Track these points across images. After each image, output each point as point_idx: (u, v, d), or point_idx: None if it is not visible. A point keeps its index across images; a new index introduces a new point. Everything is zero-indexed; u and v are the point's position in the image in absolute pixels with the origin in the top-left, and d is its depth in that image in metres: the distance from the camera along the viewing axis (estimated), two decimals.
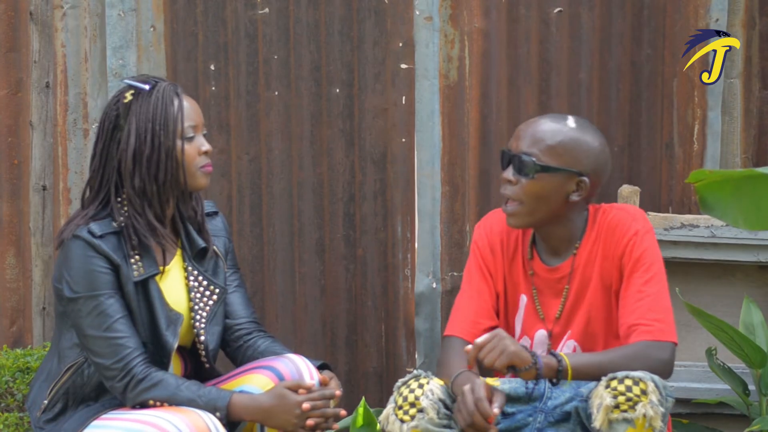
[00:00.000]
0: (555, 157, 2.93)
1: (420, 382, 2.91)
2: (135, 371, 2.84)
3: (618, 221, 3.01)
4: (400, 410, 2.88)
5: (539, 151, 2.93)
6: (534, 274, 3.08)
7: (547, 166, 2.92)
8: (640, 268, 2.96)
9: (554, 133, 2.95)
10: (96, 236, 2.85)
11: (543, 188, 2.93)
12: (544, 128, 2.95)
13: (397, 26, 3.88)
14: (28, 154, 3.98)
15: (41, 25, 3.94)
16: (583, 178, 2.95)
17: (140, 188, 2.88)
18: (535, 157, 2.92)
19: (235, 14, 3.92)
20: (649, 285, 2.96)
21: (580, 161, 2.95)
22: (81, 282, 2.84)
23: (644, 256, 2.97)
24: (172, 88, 2.92)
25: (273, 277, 3.98)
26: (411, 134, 3.91)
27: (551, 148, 2.93)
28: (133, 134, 2.88)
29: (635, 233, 2.98)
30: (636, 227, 2.98)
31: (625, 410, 2.78)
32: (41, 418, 2.95)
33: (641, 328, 2.91)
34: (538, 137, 2.94)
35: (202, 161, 2.93)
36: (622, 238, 2.99)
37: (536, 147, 2.93)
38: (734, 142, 3.85)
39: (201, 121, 2.96)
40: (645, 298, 2.94)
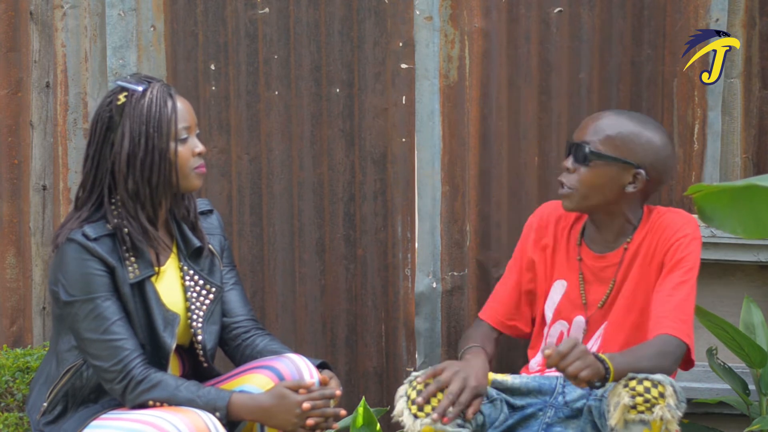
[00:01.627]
0: (612, 147, 3.06)
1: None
2: (134, 373, 2.84)
3: (670, 221, 3.11)
4: (414, 405, 2.93)
5: (597, 140, 3.07)
6: (581, 260, 3.20)
7: (603, 154, 3.05)
8: (679, 269, 3.05)
9: (615, 124, 3.08)
10: (90, 239, 2.84)
11: (598, 176, 3.06)
12: (607, 120, 3.10)
13: (397, 26, 3.88)
14: (28, 154, 3.98)
15: (41, 24, 3.94)
16: (640, 170, 3.06)
17: (133, 191, 2.88)
18: (592, 145, 3.06)
19: (235, 14, 3.92)
20: (682, 287, 3.04)
21: (636, 153, 3.06)
22: (77, 285, 2.84)
23: (686, 259, 3.06)
24: (166, 89, 2.92)
25: (273, 277, 3.98)
26: (411, 134, 3.91)
27: (609, 138, 3.07)
28: (127, 137, 2.87)
29: (684, 236, 3.08)
30: (686, 231, 3.09)
31: (642, 411, 2.81)
32: (41, 421, 2.95)
33: (666, 322, 2.98)
34: (599, 128, 3.09)
35: (195, 162, 2.93)
36: (671, 237, 3.08)
37: (596, 136, 3.07)
38: (734, 142, 3.85)
39: (194, 122, 2.96)
40: (676, 297, 3.02)
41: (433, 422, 2.92)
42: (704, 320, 3.41)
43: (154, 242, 2.91)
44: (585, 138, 3.09)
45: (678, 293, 3.03)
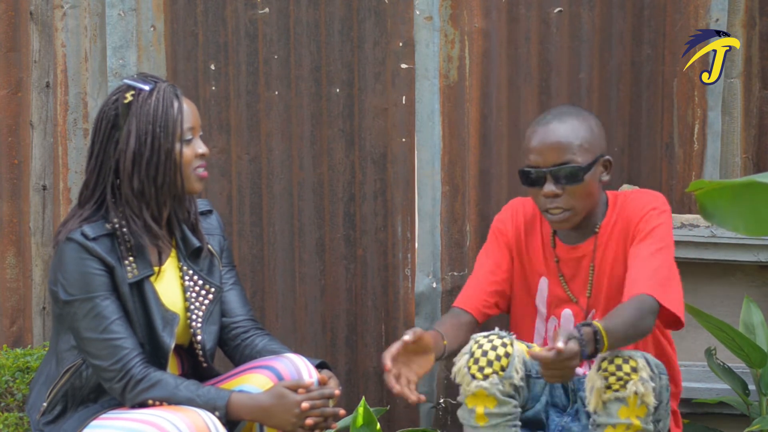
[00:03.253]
0: (588, 153, 3.03)
1: (504, 341, 2.94)
2: (133, 372, 2.84)
3: (637, 199, 3.10)
4: (475, 364, 2.91)
5: (576, 155, 3.02)
6: (559, 261, 3.17)
7: (590, 165, 3.02)
8: (651, 238, 3.02)
9: (573, 131, 3.03)
10: (89, 238, 2.84)
11: (589, 186, 3.03)
12: (563, 132, 3.03)
13: (398, 26, 3.88)
14: (28, 154, 3.98)
15: (41, 24, 3.94)
16: (607, 157, 3.08)
17: (139, 190, 2.88)
18: (578, 162, 3.01)
19: (235, 14, 3.93)
20: (657, 255, 3.00)
21: (600, 143, 3.07)
22: (76, 284, 2.84)
23: (658, 229, 3.03)
24: (172, 90, 2.92)
25: (273, 277, 3.98)
26: (411, 134, 3.91)
27: (581, 147, 3.03)
28: (134, 135, 2.87)
29: (653, 208, 3.06)
30: (654, 204, 3.07)
31: (617, 390, 2.81)
32: (41, 421, 2.95)
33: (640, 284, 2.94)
34: (565, 143, 3.02)
35: (197, 163, 2.93)
36: (640, 212, 3.07)
37: (571, 153, 3.02)
38: (734, 142, 3.85)
39: (199, 124, 2.96)
40: (652, 263, 2.98)
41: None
42: (703, 321, 3.40)
43: (158, 240, 2.91)
44: (561, 159, 3.02)
45: (653, 260, 2.99)
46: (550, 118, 3.06)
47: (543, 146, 3.03)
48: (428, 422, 3.94)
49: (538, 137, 3.04)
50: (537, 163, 3.04)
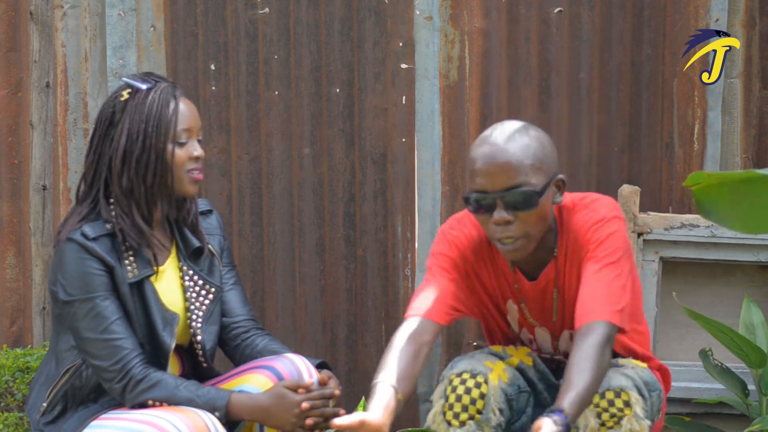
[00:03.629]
0: (541, 173, 2.71)
1: (478, 380, 2.79)
2: (133, 372, 2.84)
3: (580, 211, 2.83)
4: (450, 410, 2.78)
5: (529, 177, 2.69)
6: (519, 288, 2.92)
7: (544, 187, 2.71)
8: (596, 254, 2.77)
9: (524, 150, 2.69)
10: (89, 238, 2.84)
11: (542, 210, 2.72)
12: (513, 151, 2.68)
13: (397, 26, 3.88)
14: (28, 154, 3.98)
15: (41, 24, 3.94)
16: (560, 176, 2.77)
17: (128, 188, 2.88)
18: (532, 185, 2.69)
19: (235, 14, 3.93)
20: (604, 271, 2.74)
21: (553, 162, 2.76)
22: (76, 285, 2.84)
23: (603, 245, 2.77)
24: (171, 90, 2.91)
25: (273, 277, 3.98)
26: (411, 134, 3.91)
27: (533, 167, 2.69)
28: (125, 133, 2.87)
29: (596, 222, 2.79)
30: (597, 217, 2.80)
31: (611, 427, 2.71)
32: (41, 421, 2.95)
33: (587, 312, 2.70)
34: (516, 164, 2.68)
35: (191, 165, 2.91)
36: (583, 229, 2.80)
37: (523, 175, 2.68)
38: (734, 142, 3.85)
39: (197, 126, 2.94)
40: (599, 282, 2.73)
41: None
42: (703, 323, 3.40)
43: (149, 241, 2.90)
44: (512, 183, 2.67)
45: (602, 277, 2.73)
46: (497, 135, 2.71)
47: (491, 168, 2.67)
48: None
49: (484, 158, 2.68)
50: (484, 187, 2.68)
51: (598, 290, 2.72)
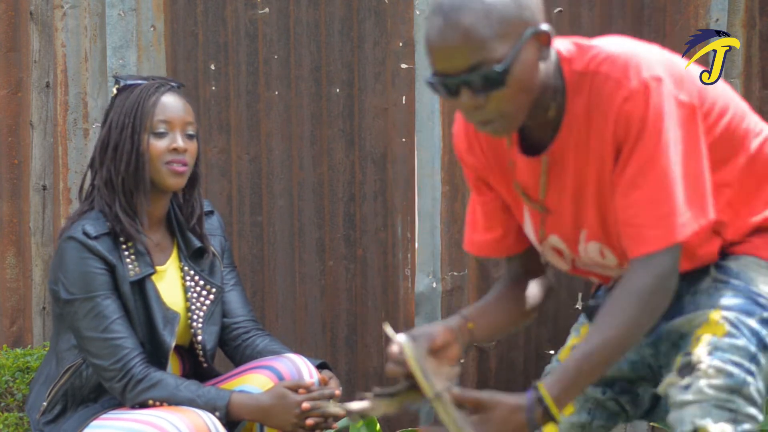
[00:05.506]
0: (508, 39, 2.13)
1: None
2: (134, 371, 2.84)
3: (605, 79, 2.20)
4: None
5: (492, 50, 2.12)
6: (513, 164, 2.34)
7: (514, 56, 2.13)
8: (634, 143, 2.16)
9: (481, 17, 2.12)
10: (91, 237, 2.84)
11: (519, 81, 2.14)
12: (466, 24, 2.11)
13: (397, 26, 3.88)
14: (28, 154, 3.98)
15: (41, 24, 3.94)
16: (540, 28, 2.16)
17: (107, 178, 2.89)
18: (496, 59, 2.12)
19: (235, 14, 3.93)
20: (650, 165, 2.15)
21: (526, 15, 2.15)
22: (77, 283, 2.84)
23: (642, 123, 2.16)
24: (157, 86, 2.91)
25: (273, 277, 3.98)
26: (411, 134, 3.91)
27: (497, 35, 2.12)
28: (107, 125, 2.91)
29: (628, 96, 2.16)
30: (630, 85, 2.17)
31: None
32: (41, 420, 2.95)
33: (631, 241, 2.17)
34: (470, 40, 2.12)
35: (168, 158, 2.89)
36: (611, 106, 2.18)
37: (483, 50, 2.12)
38: None
39: (181, 120, 2.91)
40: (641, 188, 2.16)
41: None
42: None
43: (131, 234, 2.88)
44: (471, 61, 2.12)
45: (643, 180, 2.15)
46: (448, 7, 2.13)
47: (443, 47, 2.13)
48: (428, 422, 3.94)
49: (435, 35, 2.14)
50: (443, 69, 2.15)
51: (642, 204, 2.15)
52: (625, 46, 2.24)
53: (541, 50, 2.18)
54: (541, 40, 2.17)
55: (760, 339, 2.20)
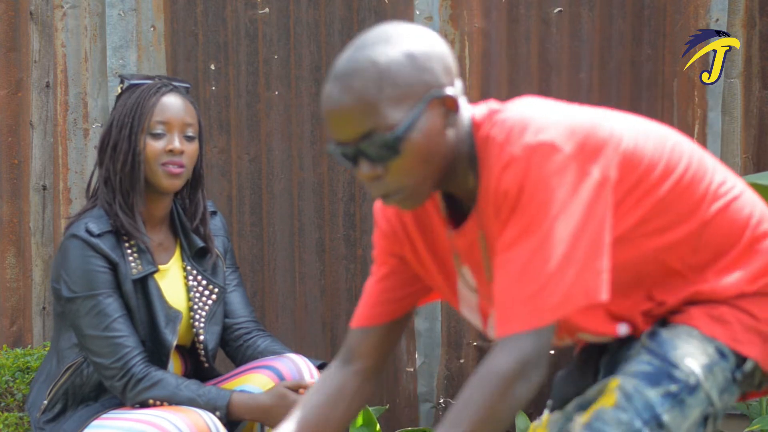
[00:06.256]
0: (403, 103, 1.94)
1: None
2: (134, 370, 2.84)
3: (492, 145, 1.97)
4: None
5: (384, 117, 1.93)
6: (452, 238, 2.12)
7: (412, 120, 1.93)
8: (509, 215, 1.93)
9: (370, 82, 1.93)
10: (94, 235, 2.85)
11: (417, 150, 1.95)
12: (355, 89, 1.93)
13: None
14: (28, 154, 3.98)
15: (41, 24, 3.94)
16: (442, 92, 1.96)
17: (105, 177, 2.90)
18: (388, 126, 1.93)
19: (235, 14, 3.93)
20: (524, 238, 1.90)
21: (426, 77, 1.95)
22: (79, 282, 2.84)
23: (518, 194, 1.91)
24: (159, 87, 2.92)
25: (273, 277, 3.98)
26: None
27: (389, 99, 1.93)
28: (109, 124, 2.92)
29: (507, 163, 1.92)
30: (510, 151, 1.92)
31: None
32: (41, 419, 2.95)
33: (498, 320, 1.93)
34: (359, 107, 1.93)
35: (165, 159, 2.89)
36: (493, 174, 1.96)
37: (374, 117, 1.93)
38: (734, 142, 3.85)
39: (180, 121, 2.91)
40: (513, 262, 1.91)
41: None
42: None
43: (131, 232, 2.88)
44: (362, 128, 1.94)
45: (515, 258, 1.90)
46: (341, 64, 1.96)
47: (335, 114, 1.95)
48: (428, 422, 3.94)
49: (327, 99, 1.96)
50: (338, 137, 1.97)
51: (511, 281, 1.91)
52: (529, 110, 1.99)
53: (448, 116, 1.97)
54: (446, 105, 1.96)
55: (655, 415, 1.93)
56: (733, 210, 2.04)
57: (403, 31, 1.97)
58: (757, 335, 2.01)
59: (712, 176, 2.04)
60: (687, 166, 2.02)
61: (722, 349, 2.00)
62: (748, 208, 2.05)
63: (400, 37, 1.96)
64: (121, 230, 2.88)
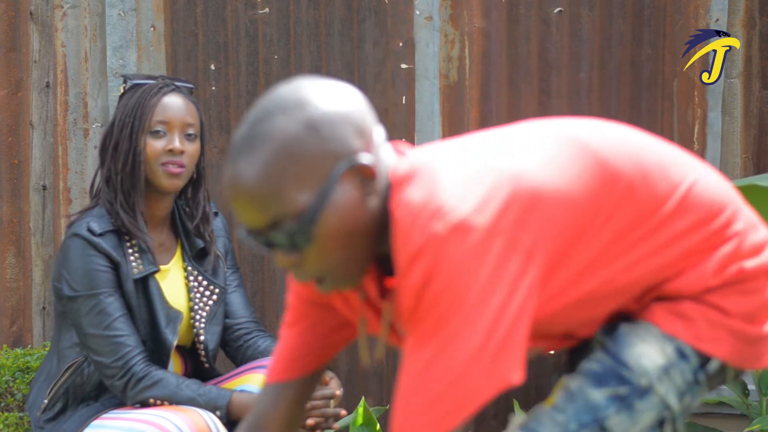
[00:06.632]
0: (308, 183, 1.72)
1: None
2: (135, 370, 2.84)
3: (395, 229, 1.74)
4: None
5: (289, 203, 1.72)
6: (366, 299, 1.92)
7: (319, 206, 1.72)
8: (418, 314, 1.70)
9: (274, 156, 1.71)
10: (96, 234, 2.85)
11: (334, 232, 1.74)
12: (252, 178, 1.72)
13: (397, 26, 3.88)
14: (28, 154, 3.98)
15: (41, 24, 3.94)
16: (354, 162, 1.74)
17: (107, 176, 2.91)
18: (296, 215, 1.72)
19: (235, 14, 3.93)
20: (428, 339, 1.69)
21: (334, 148, 1.73)
22: (80, 281, 2.84)
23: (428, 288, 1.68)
24: (160, 86, 2.92)
25: (273, 277, 3.98)
26: (411, 134, 3.91)
27: (294, 180, 1.71)
28: (111, 123, 2.92)
29: (415, 254, 1.69)
30: (418, 240, 1.68)
31: None
32: (41, 418, 2.95)
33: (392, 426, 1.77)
34: (259, 197, 1.72)
35: (165, 159, 2.89)
36: (400, 265, 1.72)
37: (280, 203, 1.72)
38: (734, 142, 3.85)
39: (181, 121, 2.91)
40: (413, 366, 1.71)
41: None
42: None
43: (132, 231, 2.89)
44: (266, 219, 1.74)
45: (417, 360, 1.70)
46: (237, 144, 1.75)
47: (235, 200, 1.76)
48: None
49: (226, 186, 1.77)
50: (245, 224, 1.80)
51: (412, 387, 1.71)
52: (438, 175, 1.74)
53: (366, 184, 1.74)
54: (362, 173, 1.74)
55: (597, 418, 1.80)
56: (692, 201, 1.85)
57: (303, 93, 1.74)
58: (726, 332, 1.84)
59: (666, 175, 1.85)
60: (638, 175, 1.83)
61: (683, 348, 1.83)
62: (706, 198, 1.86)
63: (299, 103, 1.72)
64: (122, 230, 2.88)
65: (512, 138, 1.88)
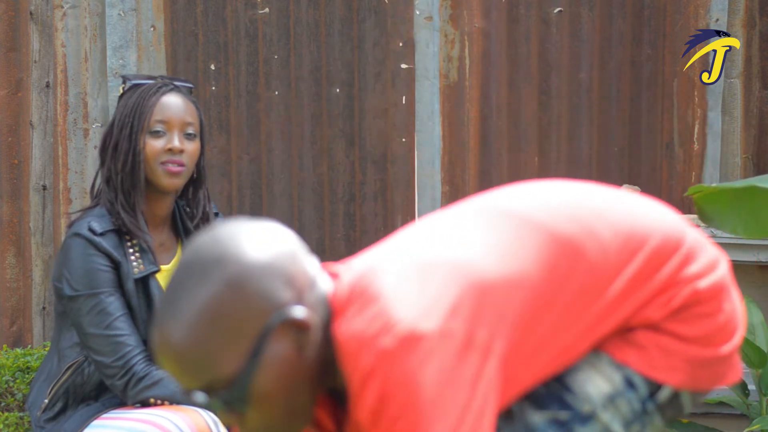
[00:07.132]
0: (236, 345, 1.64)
1: None
2: (135, 369, 2.84)
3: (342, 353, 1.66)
4: None
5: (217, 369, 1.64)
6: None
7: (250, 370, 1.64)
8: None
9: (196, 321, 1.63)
10: (96, 234, 2.85)
11: (270, 392, 1.66)
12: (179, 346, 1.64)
13: (398, 26, 3.88)
14: (28, 154, 3.98)
15: (41, 24, 3.94)
16: (287, 313, 1.65)
17: (107, 176, 2.91)
18: (227, 381, 1.64)
19: (235, 14, 3.93)
20: None
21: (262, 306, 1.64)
22: (81, 280, 2.84)
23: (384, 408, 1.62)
24: (160, 86, 2.92)
25: None
26: (411, 134, 3.91)
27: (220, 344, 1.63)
28: (111, 123, 2.92)
29: (365, 377, 1.62)
30: (367, 361, 1.61)
31: None
32: (41, 418, 2.95)
33: None
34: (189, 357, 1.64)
35: (164, 158, 2.89)
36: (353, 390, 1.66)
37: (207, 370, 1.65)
38: (734, 142, 3.85)
39: (180, 120, 2.91)
40: None
41: None
42: None
43: (133, 231, 2.89)
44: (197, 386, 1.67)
45: None
46: (161, 312, 1.67)
47: (167, 366, 1.68)
48: None
49: (156, 350, 1.69)
50: (181, 385, 1.70)
51: None
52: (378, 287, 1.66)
53: (300, 337, 1.65)
54: (295, 326, 1.65)
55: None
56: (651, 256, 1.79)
57: (224, 248, 1.64)
58: (682, 359, 1.78)
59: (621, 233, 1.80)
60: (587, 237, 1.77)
61: (632, 377, 1.78)
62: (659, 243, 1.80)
63: (219, 260, 1.62)
64: (123, 229, 2.88)
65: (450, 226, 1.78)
